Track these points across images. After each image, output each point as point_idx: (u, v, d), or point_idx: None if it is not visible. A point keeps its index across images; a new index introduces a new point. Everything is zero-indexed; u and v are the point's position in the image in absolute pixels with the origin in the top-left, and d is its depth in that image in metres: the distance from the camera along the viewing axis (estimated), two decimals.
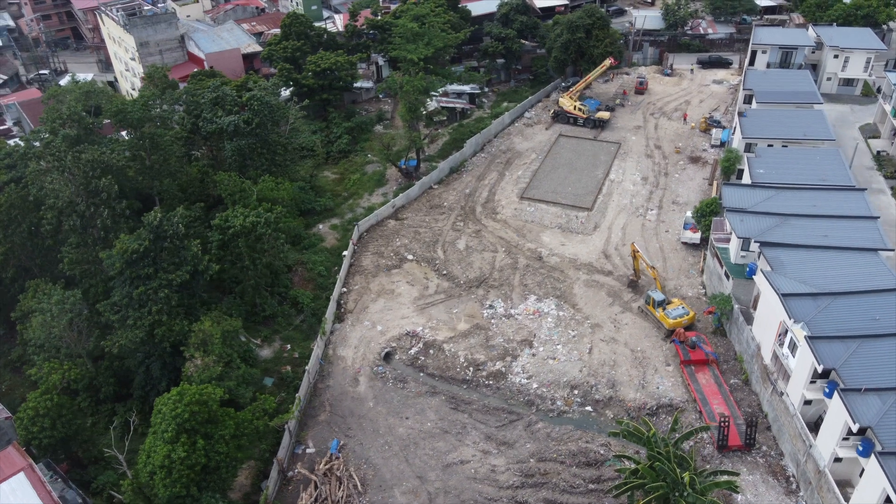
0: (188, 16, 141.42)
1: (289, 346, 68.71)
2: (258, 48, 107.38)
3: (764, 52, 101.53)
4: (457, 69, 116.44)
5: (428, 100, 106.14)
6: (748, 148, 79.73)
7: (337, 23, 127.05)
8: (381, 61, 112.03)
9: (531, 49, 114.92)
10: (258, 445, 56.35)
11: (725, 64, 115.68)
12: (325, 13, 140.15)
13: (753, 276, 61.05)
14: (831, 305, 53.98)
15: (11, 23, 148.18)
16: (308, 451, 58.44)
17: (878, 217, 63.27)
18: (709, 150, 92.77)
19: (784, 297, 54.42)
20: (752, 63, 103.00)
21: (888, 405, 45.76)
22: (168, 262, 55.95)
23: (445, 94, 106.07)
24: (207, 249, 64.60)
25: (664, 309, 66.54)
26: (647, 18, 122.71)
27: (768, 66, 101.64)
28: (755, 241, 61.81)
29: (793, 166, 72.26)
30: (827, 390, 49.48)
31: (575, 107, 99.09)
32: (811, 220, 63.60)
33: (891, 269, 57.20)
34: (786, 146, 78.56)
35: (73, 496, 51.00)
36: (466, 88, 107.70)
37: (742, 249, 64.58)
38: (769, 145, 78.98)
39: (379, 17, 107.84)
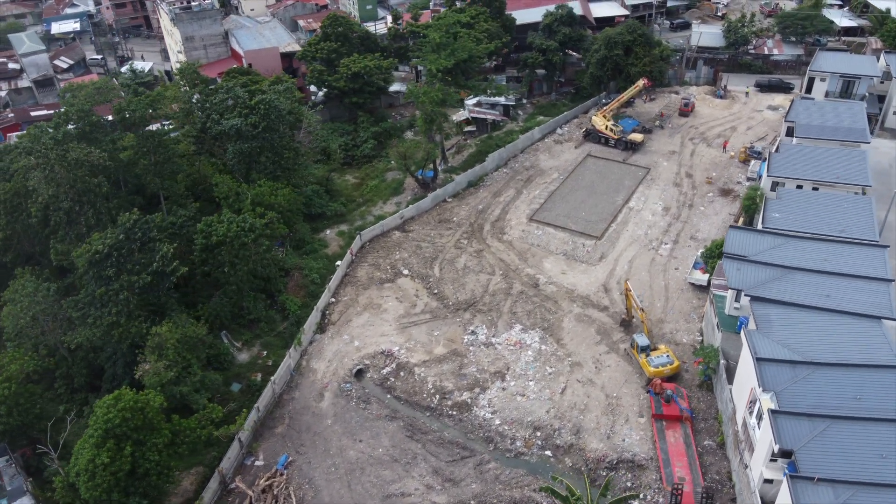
0: (252, 9, 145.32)
1: (265, 353, 69.10)
2: (297, 47, 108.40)
3: (823, 79, 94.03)
4: (499, 78, 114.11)
5: (461, 109, 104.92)
6: (774, 187, 73.87)
7: (389, 24, 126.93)
8: (421, 66, 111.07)
9: (576, 62, 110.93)
10: (206, 453, 57.07)
11: (786, 88, 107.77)
12: (382, 13, 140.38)
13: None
14: (811, 376, 49.05)
15: (93, 8, 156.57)
16: (257, 463, 58.54)
17: (893, 281, 56.97)
18: (743, 183, 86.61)
19: (758, 361, 49.91)
20: (808, 91, 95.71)
21: (841, 500, 41.06)
22: (134, 265, 57.08)
23: (479, 104, 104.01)
24: (192, 251, 65.81)
25: (647, 355, 62.59)
26: (706, 34, 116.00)
27: (827, 95, 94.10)
28: (745, 294, 57.00)
29: (813, 213, 66.28)
30: (787, 472, 45.01)
31: (607, 126, 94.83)
32: (816, 276, 58.03)
33: (891, 342, 51.36)
34: (816, 189, 72.24)
35: (20, 482, 53.09)
36: (501, 99, 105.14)
37: (736, 301, 59.77)
38: (798, 186, 72.88)
39: (417, 22, 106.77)
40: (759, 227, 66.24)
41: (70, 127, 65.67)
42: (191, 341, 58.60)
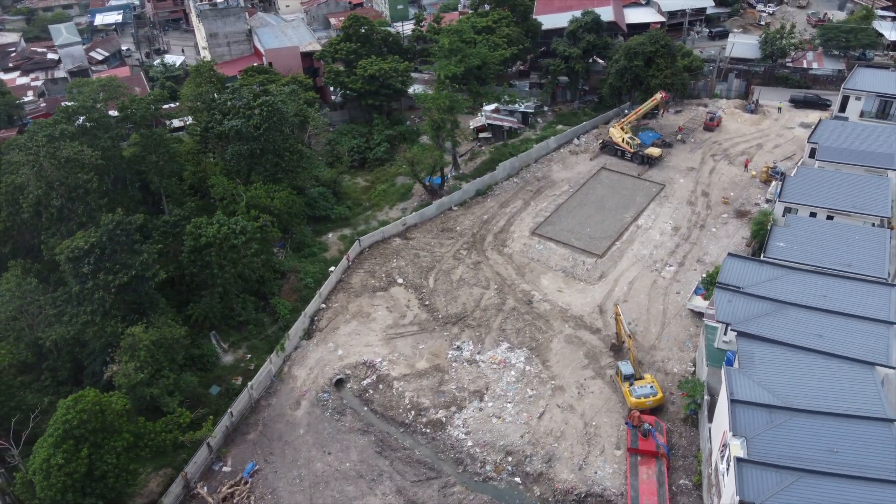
0: (287, 5, 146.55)
1: (248, 356, 69.16)
2: (318, 47, 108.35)
3: (858, 98, 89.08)
4: (522, 84, 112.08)
5: (479, 114, 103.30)
6: (788, 212, 70.12)
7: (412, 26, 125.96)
8: (428, 72, 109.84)
9: (601, 70, 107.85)
10: (176, 456, 57.31)
11: (823, 105, 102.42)
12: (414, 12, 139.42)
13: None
14: (788, 423, 46.10)
15: (136, 0, 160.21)
16: (225, 469, 58.56)
17: (894, 324, 53.14)
18: (761, 205, 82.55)
19: (732, 402, 47.21)
20: (842, 109, 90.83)
21: None
22: (114, 265, 57.62)
23: (497, 110, 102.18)
24: (181, 251, 66.25)
25: (631, 384, 60.13)
26: (741, 45, 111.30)
27: (862, 115, 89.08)
28: (731, 329, 54.06)
29: (821, 244, 62.58)
30: None
31: (623, 139, 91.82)
32: (812, 313, 54.64)
33: (881, 392, 47.89)
34: (831, 217, 68.20)
35: None
36: (520, 107, 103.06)
37: (725, 334, 56.81)
38: (812, 214, 68.98)
39: (439, 25, 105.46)
40: (762, 255, 62.82)
41: (72, 123, 66.70)
42: (167, 343, 58.82)
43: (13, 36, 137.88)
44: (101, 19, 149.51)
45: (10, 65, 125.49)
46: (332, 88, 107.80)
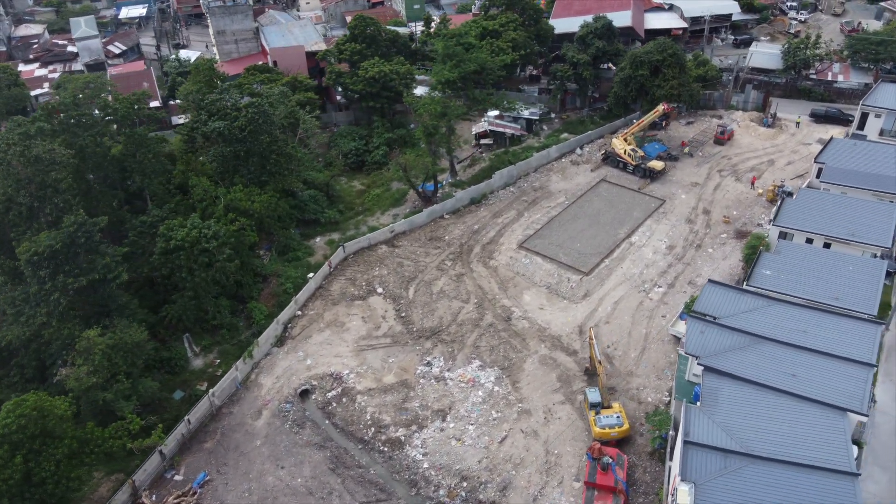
0: (307, 2, 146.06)
1: (217, 361, 68.44)
2: (324, 47, 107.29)
3: (877, 115, 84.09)
4: (531, 89, 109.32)
5: (482, 119, 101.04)
6: (783, 237, 66.30)
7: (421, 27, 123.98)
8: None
9: (612, 77, 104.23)
10: (129, 461, 56.80)
11: (845, 121, 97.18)
12: (435, 13, 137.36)
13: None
14: (743, 470, 43.03)
15: None
16: (177, 477, 57.80)
17: (876, 367, 49.35)
18: (764, 226, 78.50)
19: (686, 444, 44.34)
20: (861, 127, 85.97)
21: None
22: (74, 267, 57.29)
23: (500, 116, 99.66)
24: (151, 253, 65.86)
25: (597, 413, 57.40)
26: (761, 55, 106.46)
27: (882, 133, 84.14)
28: (698, 363, 50.94)
29: (810, 274, 58.77)
30: None
31: (625, 150, 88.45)
32: (788, 350, 51.10)
33: (848, 442, 44.37)
34: (828, 245, 64.15)
35: None
36: (525, 113, 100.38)
37: (694, 367, 53.64)
38: (808, 240, 65.02)
39: (447, 27, 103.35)
40: (744, 283, 59.34)
41: (52, 120, 66.77)
42: (127, 347, 58.30)
43: (38, 28, 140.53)
44: (125, 12, 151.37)
45: (31, 56, 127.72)
46: (337, 89, 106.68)
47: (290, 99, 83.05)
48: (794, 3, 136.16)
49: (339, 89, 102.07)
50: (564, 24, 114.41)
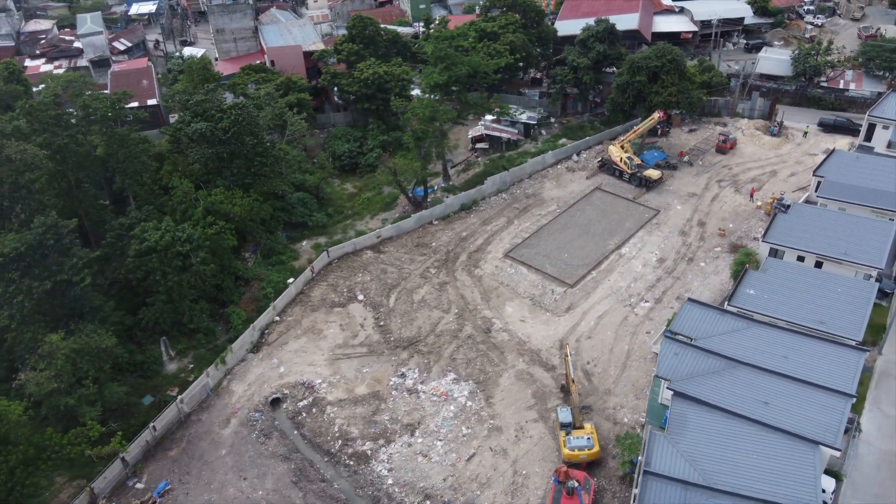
0: (315, 0, 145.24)
1: (191, 366, 67.67)
2: (321, 46, 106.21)
3: (885, 127, 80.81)
4: (532, 93, 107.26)
5: (479, 123, 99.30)
6: (774, 254, 63.72)
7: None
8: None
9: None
10: (93, 467, 56.13)
11: (854, 131, 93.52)
12: (442, 12, 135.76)
13: None
14: None
15: None
16: (138, 485, 57.04)
17: (854, 398, 46.84)
18: (760, 240, 75.64)
19: (645, 474, 42.36)
20: (868, 139, 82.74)
21: None
22: (44, 269, 56.77)
23: (497, 120, 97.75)
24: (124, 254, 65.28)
25: (568, 433, 55.46)
26: (769, 61, 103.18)
27: (889, 146, 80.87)
28: (668, 388, 48.84)
29: (796, 295, 56.23)
30: None
31: (621, 158, 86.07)
32: (764, 376, 48.76)
33: (817, 477, 42.04)
34: (820, 264, 61.45)
35: None
36: (522, 117, 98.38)
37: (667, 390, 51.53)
38: (799, 258, 62.37)
39: (445, 28, 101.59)
40: (726, 303, 56.98)
41: (18, 122, 66.44)
42: (93, 351, 57.66)
43: (47, 23, 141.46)
44: (136, 9, 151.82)
45: (38, 52, 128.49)
46: (334, 90, 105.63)
47: (278, 100, 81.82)
48: (812, 7, 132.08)
49: (336, 90, 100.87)
50: (569, 26, 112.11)
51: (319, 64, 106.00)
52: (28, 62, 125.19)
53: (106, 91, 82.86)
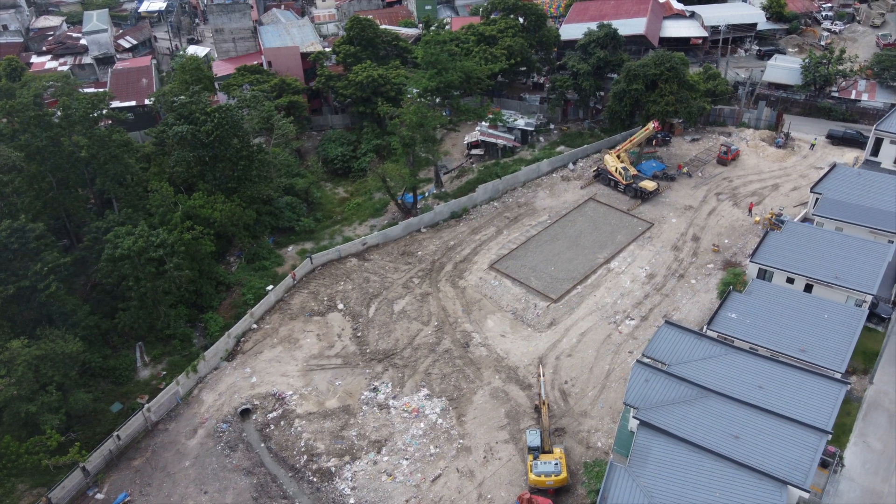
0: (324, 0, 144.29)
1: (163, 373, 66.80)
2: (319, 48, 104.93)
3: (893, 142, 77.44)
4: (532, 98, 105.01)
5: (476, 130, 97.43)
6: (763, 275, 61.06)
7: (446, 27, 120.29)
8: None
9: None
10: (54, 475, 55.46)
11: (864, 143, 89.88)
12: (449, 14, 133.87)
13: None
14: None
15: None
16: (98, 496, 56.19)
17: (830, 434, 44.29)
18: (748, 260, 72.71)
19: None
20: (875, 153, 79.58)
21: None
22: (11, 274, 56.14)
23: (493, 125, 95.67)
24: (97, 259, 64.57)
25: (536, 457, 53.48)
26: (779, 69, 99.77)
27: None
28: (633, 416, 46.68)
29: (779, 320, 53.65)
30: None
31: (616, 168, 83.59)
32: (738, 407, 46.47)
33: None
34: (810, 288, 58.66)
35: None
36: (520, 123, 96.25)
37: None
38: (789, 280, 59.63)
39: (444, 30, 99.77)
40: (705, 327, 54.56)
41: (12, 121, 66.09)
42: (57, 358, 56.94)
43: (56, 20, 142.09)
44: (146, 6, 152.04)
45: (44, 48, 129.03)
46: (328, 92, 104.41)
47: (264, 103, 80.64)
48: (830, 13, 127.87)
49: (327, 93, 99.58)
50: (574, 30, 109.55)
51: (317, 65, 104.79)
52: (34, 59, 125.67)
53: (104, 89, 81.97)
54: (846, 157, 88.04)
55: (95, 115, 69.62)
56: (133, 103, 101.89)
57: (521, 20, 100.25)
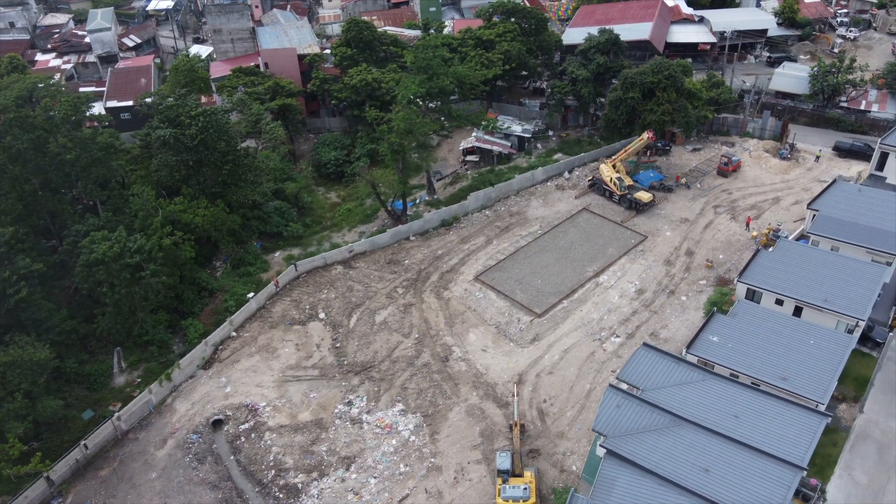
0: (330, 1, 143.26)
1: (138, 381, 66.02)
2: (317, 50, 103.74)
3: None
4: (531, 103, 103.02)
5: (472, 134, 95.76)
6: (752, 296, 58.73)
7: (446, 30, 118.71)
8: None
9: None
10: (18, 484, 54.84)
11: (871, 156, 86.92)
12: (454, 15, 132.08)
13: None
14: None
15: None
16: None
17: (805, 470, 42.06)
18: (736, 280, 70.11)
19: None
20: (880, 168, 76.73)
21: None
22: None
23: (491, 132, 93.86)
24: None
25: (505, 481, 51.74)
26: (786, 77, 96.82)
27: None
28: (601, 445, 44.78)
29: (762, 345, 51.35)
30: None
31: (611, 178, 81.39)
32: (711, 438, 44.37)
33: None
34: (800, 310, 56.21)
35: None
36: (517, 129, 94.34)
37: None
38: (778, 301, 57.23)
39: (441, 33, 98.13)
40: (684, 350, 52.44)
41: None
42: (26, 365, 56.27)
43: (63, 17, 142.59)
44: (154, 4, 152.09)
45: (49, 46, 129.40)
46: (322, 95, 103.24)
47: (252, 106, 79.50)
48: (846, 19, 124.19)
49: (321, 96, 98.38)
50: (577, 34, 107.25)
51: (312, 68, 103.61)
52: (39, 56, 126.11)
53: (88, 91, 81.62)
54: (852, 170, 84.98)
55: (78, 117, 68.73)
56: (130, 103, 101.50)
57: (516, 24, 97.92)
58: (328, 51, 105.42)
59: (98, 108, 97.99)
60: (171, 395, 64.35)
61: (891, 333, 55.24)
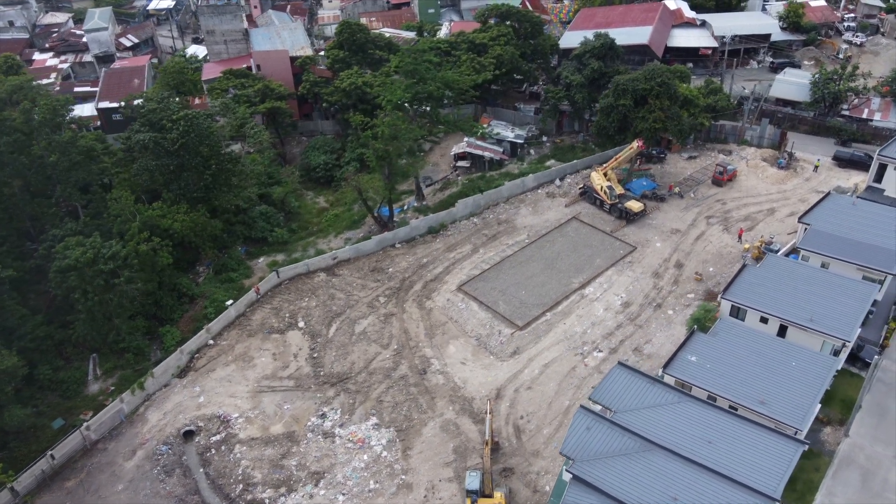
0: (330, 1, 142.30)
1: (111, 389, 65.13)
2: (309, 52, 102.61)
3: None
4: (526, 108, 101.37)
5: (464, 139, 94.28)
6: (737, 313, 56.87)
7: (443, 32, 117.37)
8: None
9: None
10: None
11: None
12: (452, 17, 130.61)
13: None
14: None
15: None
16: None
17: (777, 501, 40.25)
18: (720, 297, 68.16)
19: None
20: (878, 180, 74.29)
21: None
22: None
23: (482, 137, 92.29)
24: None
25: (473, 501, 50.27)
26: (786, 84, 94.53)
27: None
28: (566, 469, 43.21)
29: (742, 366, 49.50)
30: None
31: (602, 187, 79.62)
32: (682, 465, 42.64)
33: None
34: (784, 330, 54.27)
35: None
36: (510, 135, 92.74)
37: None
38: (762, 319, 55.32)
39: (433, 37, 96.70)
40: (661, 370, 50.72)
41: None
42: None
43: (62, 17, 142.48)
44: (155, 4, 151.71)
45: (47, 45, 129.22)
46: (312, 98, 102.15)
47: (237, 110, 78.41)
48: (853, 24, 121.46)
49: (311, 99, 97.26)
50: (576, 38, 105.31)
51: (303, 70, 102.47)
52: (36, 55, 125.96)
53: (69, 94, 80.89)
54: (851, 180, 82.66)
55: (57, 120, 67.96)
56: (122, 104, 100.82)
57: (510, 28, 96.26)
58: (321, 53, 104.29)
59: (90, 110, 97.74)
60: (144, 405, 63.42)
61: (877, 356, 53.20)
